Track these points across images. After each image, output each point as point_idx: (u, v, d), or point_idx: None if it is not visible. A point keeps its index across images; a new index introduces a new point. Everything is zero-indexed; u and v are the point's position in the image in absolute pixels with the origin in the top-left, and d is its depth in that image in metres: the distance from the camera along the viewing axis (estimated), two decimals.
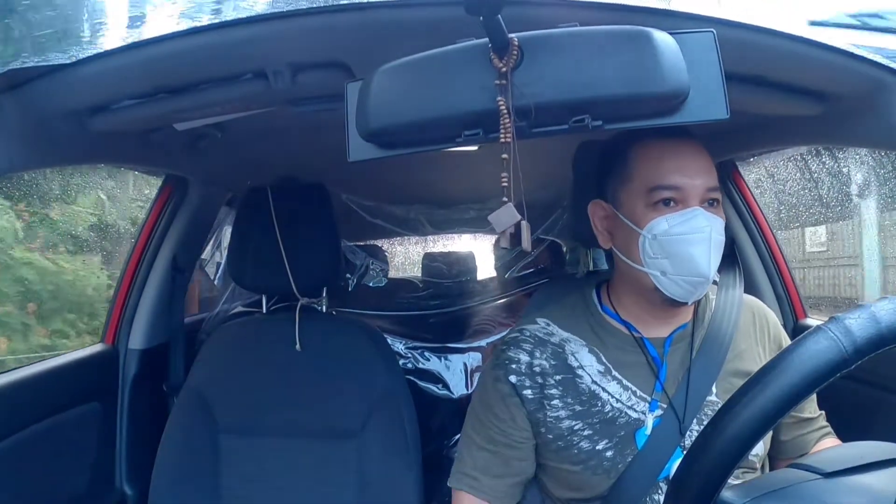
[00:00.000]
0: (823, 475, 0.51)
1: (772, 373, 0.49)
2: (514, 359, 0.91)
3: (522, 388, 0.89)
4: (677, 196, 0.82)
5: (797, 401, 0.48)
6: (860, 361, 0.47)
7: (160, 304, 1.54)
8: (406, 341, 2.06)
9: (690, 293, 0.82)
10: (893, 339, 0.47)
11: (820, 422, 0.94)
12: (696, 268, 0.80)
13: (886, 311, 0.48)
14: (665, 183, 0.82)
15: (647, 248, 0.83)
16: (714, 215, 0.82)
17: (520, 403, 0.89)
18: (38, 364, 1.30)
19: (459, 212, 2.34)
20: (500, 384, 0.90)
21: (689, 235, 0.80)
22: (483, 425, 0.92)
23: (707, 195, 0.83)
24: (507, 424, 0.90)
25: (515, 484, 0.91)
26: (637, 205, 0.84)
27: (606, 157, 0.91)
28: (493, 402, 0.91)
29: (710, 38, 0.63)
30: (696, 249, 0.80)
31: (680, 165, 0.83)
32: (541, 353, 0.90)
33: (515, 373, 0.90)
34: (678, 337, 0.90)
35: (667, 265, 0.81)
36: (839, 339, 0.47)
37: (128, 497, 1.43)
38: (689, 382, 0.86)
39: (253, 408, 1.32)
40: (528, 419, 0.89)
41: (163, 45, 0.79)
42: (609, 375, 0.88)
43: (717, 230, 0.81)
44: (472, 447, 0.93)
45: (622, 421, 0.86)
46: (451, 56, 0.63)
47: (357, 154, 0.69)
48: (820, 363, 0.47)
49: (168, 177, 1.50)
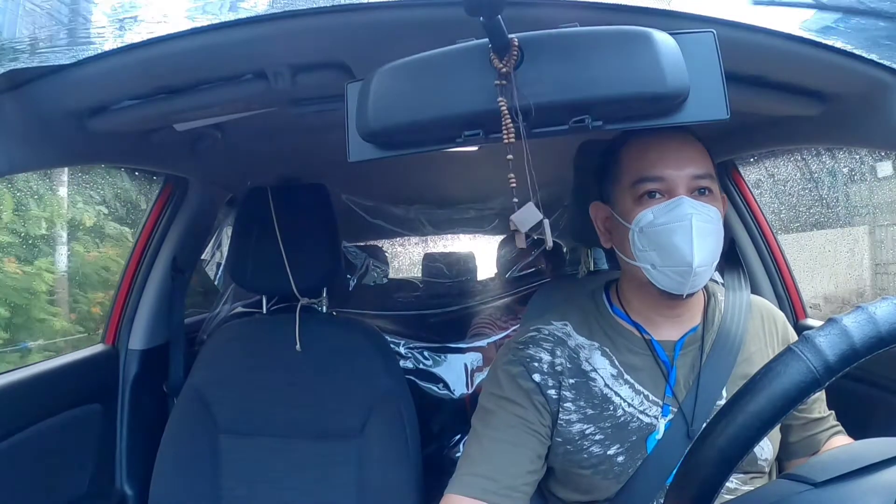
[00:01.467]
0: (814, 485, 0.50)
1: (743, 399, 0.47)
2: (536, 357, 0.88)
3: (546, 388, 0.86)
4: (662, 187, 0.82)
5: (770, 426, 0.47)
6: (834, 379, 0.46)
7: (160, 304, 1.54)
8: (406, 341, 2.05)
9: (681, 284, 0.80)
10: (867, 352, 0.46)
11: (830, 421, 0.94)
12: (682, 257, 0.78)
13: (856, 323, 0.46)
14: (648, 175, 0.82)
15: (636, 241, 0.82)
16: (703, 203, 0.80)
17: (545, 402, 0.86)
18: (38, 364, 1.30)
19: (459, 212, 2.34)
20: (523, 381, 0.87)
21: (671, 224, 0.79)
22: (495, 416, 0.86)
23: (695, 184, 0.81)
24: (529, 412, 0.86)
25: (533, 483, 0.85)
26: (626, 200, 0.84)
27: (603, 158, 0.92)
28: (513, 396, 0.86)
29: (710, 39, 0.63)
30: (678, 238, 0.78)
31: (663, 156, 0.82)
32: (561, 353, 0.88)
33: (539, 371, 0.87)
34: (689, 340, 0.89)
35: (655, 257, 0.81)
36: (809, 360, 0.46)
37: (128, 497, 1.44)
38: (698, 387, 0.85)
39: (253, 408, 1.32)
40: (551, 418, 0.87)
41: (163, 46, 0.79)
42: (621, 379, 0.87)
43: (703, 218, 0.79)
44: (483, 441, 0.85)
45: (634, 426, 0.85)
46: (452, 56, 0.63)
47: (357, 154, 0.69)
48: (789, 388, 0.46)
49: (168, 177, 1.50)
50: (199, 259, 1.82)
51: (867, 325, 0.46)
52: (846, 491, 0.49)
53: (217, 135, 1.26)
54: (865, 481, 0.49)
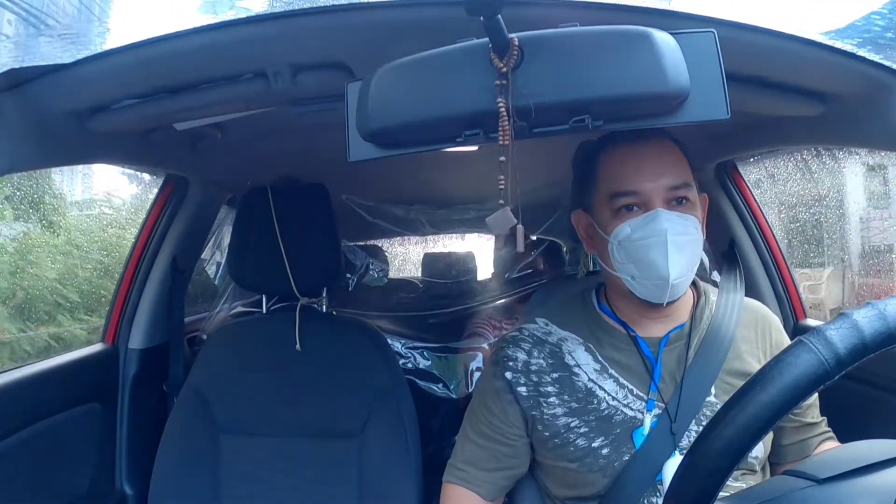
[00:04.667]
0: (817, 482, 0.50)
1: (754, 389, 0.48)
2: (512, 356, 0.93)
3: (517, 385, 0.91)
4: (638, 200, 0.83)
5: (779, 416, 0.47)
6: (844, 372, 0.47)
7: (160, 304, 1.54)
8: (406, 341, 2.05)
9: (660, 295, 0.82)
10: (876, 347, 0.46)
11: (821, 427, 0.94)
12: (657, 271, 0.80)
13: (867, 318, 0.47)
14: (624, 189, 0.83)
15: (615, 253, 0.84)
16: (679, 214, 0.82)
17: (514, 400, 0.91)
18: (38, 364, 1.30)
19: (459, 212, 2.34)
20: (497, 380, 0.93)
21: (647, 240, 0.81)
22: (477, 419, 0.95)
23: (671, 195, 0.83)
24: (500, 420, 0.92)
25: (505, 478, 0.94)
26: (604, 212, 0.86)
27: (582, 167, 0.92)
28: (489, 398, 0.94)
29: (710, 39, 0.63)
30: (654, 253, 0.80)
31: (639, 168, 0.83)
32: (538, 353, 0.92)
33: (511, 370, 0.92)
34: (674, 337, 0.90)
35: (633, 269, 0.83)
36: (820, 352, 0.46)
37: (128, 497, 1.43)
38: (682, 383, 0.86)
39: (253, 408, 1.32)
40: (521, 416, 0.91)
41: (163, 45, 0.79)
42: (605, 373, 0.89)
43: (679, 230, 0.81)
44: (465, 441, 0.96)
45: (618, 419, 0.86)
46: (452, 56, 0.63)
47: (357, 154, 0.69)
48: (800, 378, 0.46)
49: (168, 177, 1.50)
50: (199, 259, 1.82)
51: (877, 321, 0.47)
52: (848, 488, 0.49)
53: (217, 134, 1.26)
54: (867, 480, 0.50)
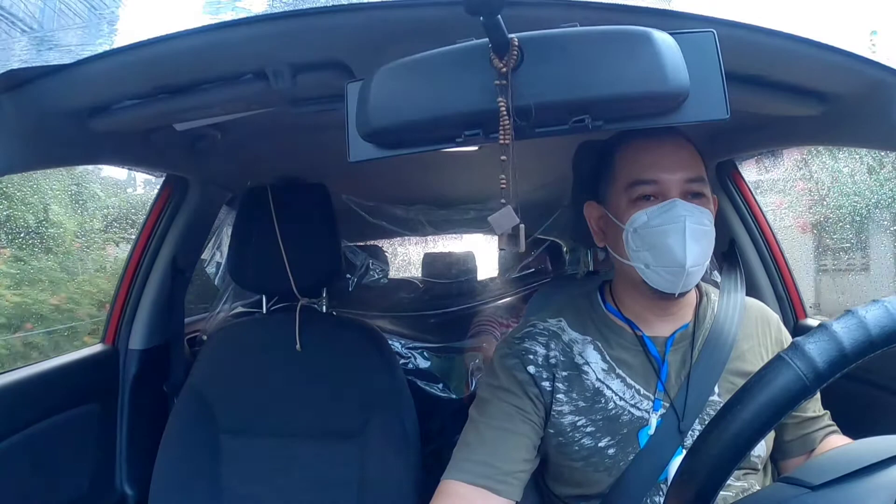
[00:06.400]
0: (811, 488, 0.49)
1: (735, 408, 0.47)
2: (531, 350, 0.91)
3: (541, 380, 0.89)
4: (656, 190, 0.84)
5: (762, 434, 0.47)
6: (824, 385, 0.46)
7: (160, 304, 1.54)
8: (406, 341, 2.06)
9: (674, 283, 0.83)
10: (857, 357, 0.46)
11: (824, 420, 0.94)
12: (674, 257, 0.81)
13: (846, 328, 0.46)
14: (643, 178, 0.85)
15: (630, 241, 0.85)
16: (696, 205, 0.83)
17: (539, 394, 0.89)
18: (38, 364, 1.30)
19: (459, 212, 2.34)
20: (518, 373, 0.89)
21: (665, 226, 0.82)
22: (492, 405, 0.88)
23: (688, 187, 0.84)
24: (524, 402, 0.88)
25: (521, 479, 0.85)
26: (621, 201, 0.87)
27: (598, 159, 0.94)
28: (508, 386, 0.88)
29: (710, 39, 0.63)
30: (672, 239, 0.81)
31: (658, 160, 0.85)
32: (555, 346, 0.91)
33: (533, 364, 0.90)
34: (680, 337, 0.90)
35: (648, 257, 0.83)
36: (798, 368, 0.46)
37: (128, 497, 1.43)
38: (689, 382, 0.86)
39: (253, 408, 1.32)
40: (545, 410, 0.89)
41: (163, 46, 0.79)
42: (613, 373, 0.89)
43: (696, 220, 0.82)
44: (480, 428, 0.86)
45: (625, 419, 0.86)
46: (451, 56, 0.63)
47: (357, 154, 0.68)
48: (778, 395, 0.46)
49: (168, 177, 1.50)
50: (199, 259, 1.82)
51: (857, 330, 0.46)
52: (843, 494, 0.48)
53: (217, 135, 1.26)
54: (863, 483, 0.49)
